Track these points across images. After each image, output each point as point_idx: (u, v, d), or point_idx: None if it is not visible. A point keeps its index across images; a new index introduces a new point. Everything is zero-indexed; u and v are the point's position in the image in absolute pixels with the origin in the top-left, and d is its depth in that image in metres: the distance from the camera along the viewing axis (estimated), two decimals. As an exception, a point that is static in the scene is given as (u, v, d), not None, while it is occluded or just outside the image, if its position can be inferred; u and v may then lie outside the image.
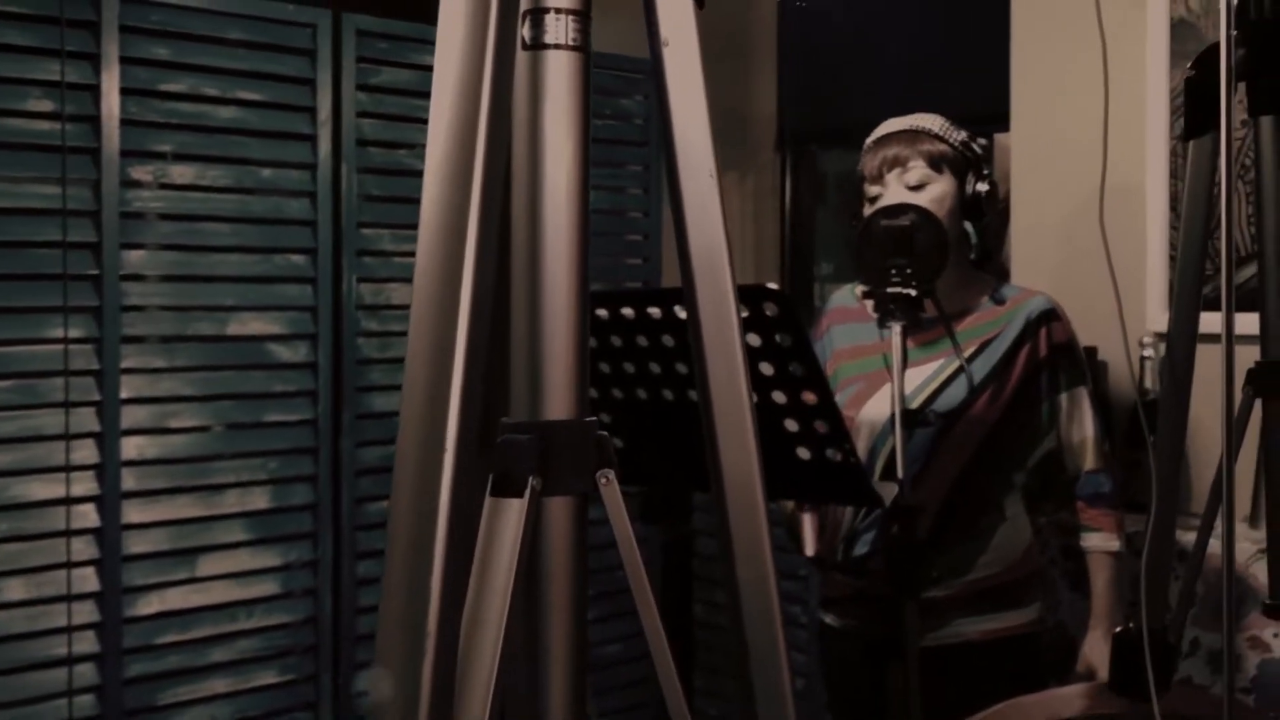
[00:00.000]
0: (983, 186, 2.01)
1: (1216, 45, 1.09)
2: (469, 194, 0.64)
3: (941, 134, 2.01)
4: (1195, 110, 1.11)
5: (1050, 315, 2.04)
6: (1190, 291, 1.12)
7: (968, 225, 2.03)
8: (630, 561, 0.71)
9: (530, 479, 0.67)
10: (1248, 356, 2.22)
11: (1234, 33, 1.09)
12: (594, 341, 1.95)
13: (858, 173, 2.08)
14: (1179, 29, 2.36)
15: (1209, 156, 1.10)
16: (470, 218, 0.64)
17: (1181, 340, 1.14)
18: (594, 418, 0.73)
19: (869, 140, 2.08)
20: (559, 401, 0.70)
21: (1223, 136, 0.88)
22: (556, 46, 0.69)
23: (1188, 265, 1.12)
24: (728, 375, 0.71)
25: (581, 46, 0.70)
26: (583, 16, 0.70)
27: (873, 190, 2.03)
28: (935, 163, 1.99)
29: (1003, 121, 2.69)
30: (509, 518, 0.66)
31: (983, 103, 2.74)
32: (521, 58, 0.68)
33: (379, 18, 2.64)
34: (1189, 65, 1.11)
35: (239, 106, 2.52)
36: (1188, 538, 2.00)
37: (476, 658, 0.64)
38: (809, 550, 2.14)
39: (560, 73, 0.69)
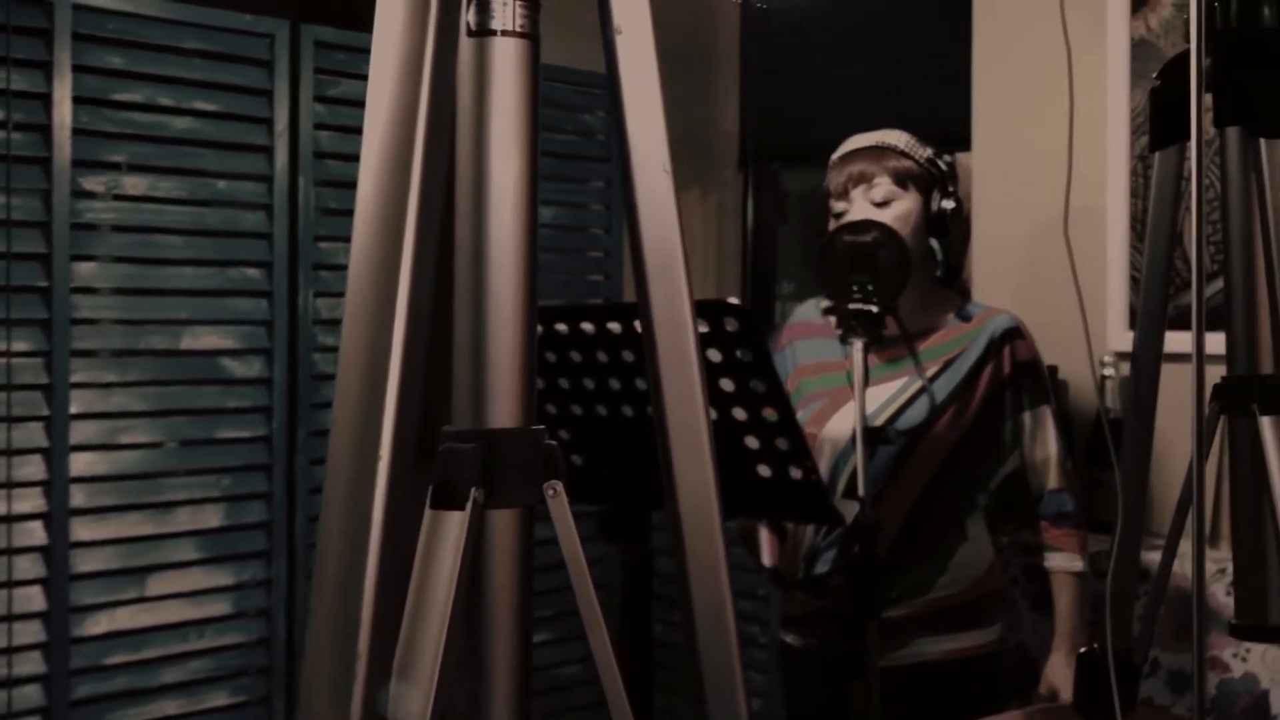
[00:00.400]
0: (948, 204, 1.99)
1: (1182, 56, 1.07)
2: (407, 188, 0.59)
3: (907, 150, 1.99)
4: (1161, 122, 1.08)
5: (1014, 333, 2.01)
6: (1155, 307, 1.09)
7: (933, 243, 2.00)
8: (578, 578, 0.65)
9: (473, 490, 0.62)
10: (1213, 376, 2.21)
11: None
12: (553, 356, 1.90)
13: (823, 189, 2.05)
14: (1139, 48, 2.35)
15: (1175, 169, 1.08)
16: (409, 213, 0.59)
17: (1146, 357, 1.11)
18: (541, 426, 0.68)
19: (835, 156, 2.06)
20: (504, 408, 0.65)
21: (1193, 147, 0.85)
22: (504, 33, 0.64)
23: (1153, 280, 1.09)
24: (683, 386, 0.66)
25: (530, 33, 0.65)
26: (531, 2, 0.65)
27: (838, 206, 2.01)
28: (901, 179, 1.97)
29: (964, 143, 2.67)
30: (449, 531, 0.61)
31: (945, 124, 2.73)
32: (465, 45, 0.63)
33: (338, 29, 2.59)
34: (1155, 76, 1.08)
35: (194, 117, 2.47)
36: (1150, 557, 1.98)
37: (414, 679, 0.59)
38: (767, 560, 2.10)
39: (507, 61, 0.64)
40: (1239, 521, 1.06)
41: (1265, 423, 1.04)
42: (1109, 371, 2.33)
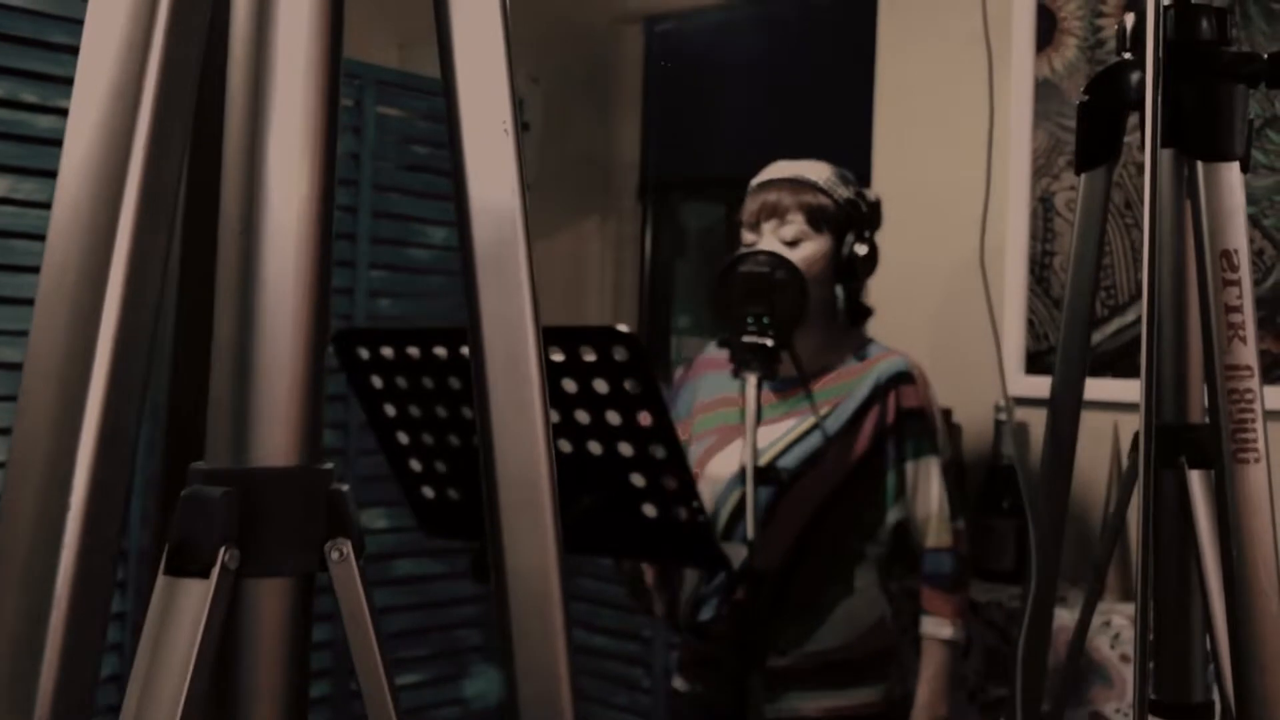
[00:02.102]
0: (861, 249, 1.85)
1: (1114, 67, 0.94)
2: (126, 157, 0.42)
3: (826, 188, 1.84)
4: (1089, 139, 0.95)
5: (902, 378, 1.87)
6: (1076, 344, 0.96)
7: (838, 288, 1.87)
8: (365, 664, 0.47)
9: (222, 551, 0.45)
10: (1127, 427, 2.11)
11: (1128, 55, 0.94)
12: (430, 383, 1.74)
13: (737, 217, 1.91)
14: (1042, 89, 2.26)
15: (1102, 192, 0.94)
16: (128, 187, 0.42)
17: (1065, 400, 0.97)
18: (328, 466, 0.50)
19: (753, 182, 1.91)
20: (274, 439, 0.47)
21: (1147, 171, 0.71)
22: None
23: (1075, 314, 0.95)
24: (517, 410, 0.49)
25: None
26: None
27: (748, 238, 1.86)
28: (815, 218, 1.82)
29: (865, 179, 2.56)
30: (186, 606, 0.43)
31: (846, 159, 2.62)
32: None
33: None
34: (1082, 90, 0.95)
35: (61, 116, 2.24)
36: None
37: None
38: (656, 609, 1.96)
39: (299, 12, 0.47)
40: (1161, 586, 0.93)
41: (1194, 477, 0.90)
42: (1003, 416, 2.22)
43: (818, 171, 1.86)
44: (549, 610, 0.49)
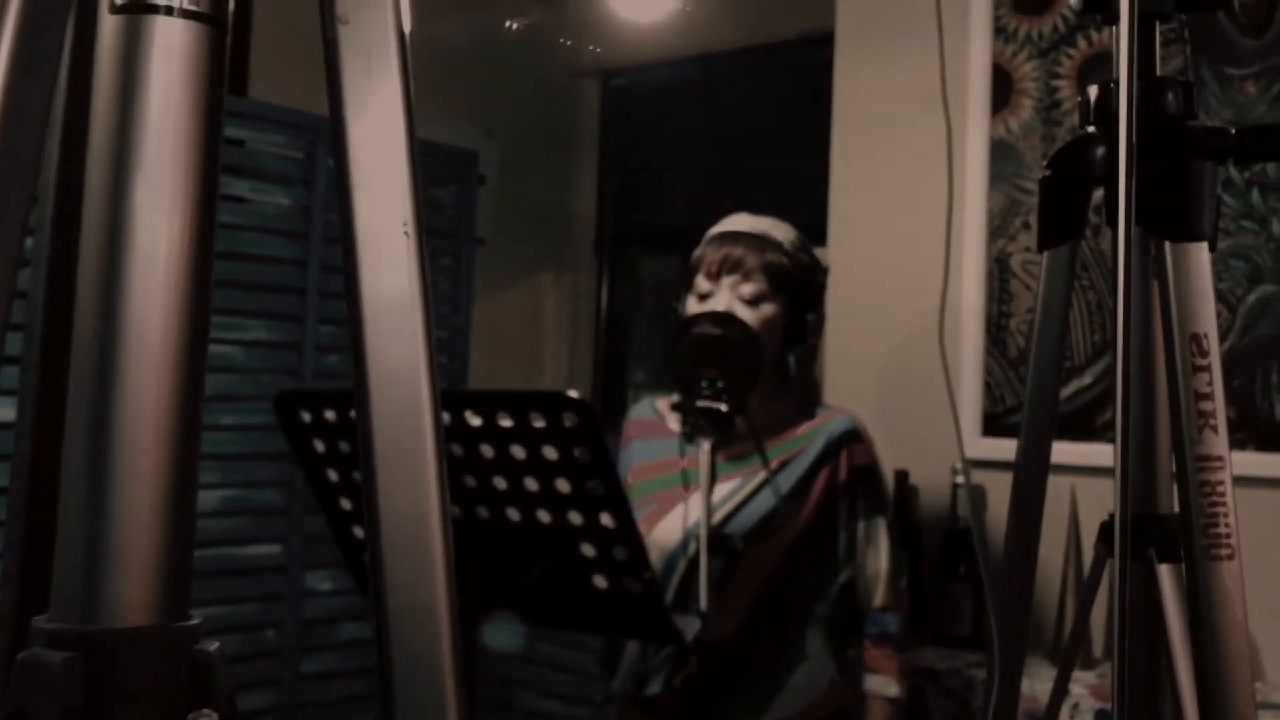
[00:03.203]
0: (812, 317, 1.82)
1: (1077, 141, 0.90)
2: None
3: (790, 251, 1.81)
4: (1052, 216, 0.91)
5: (852, 436, 1.83)
6: (1043, 414, 0.91)
7: (789, 350, 1.83)
8: None
9: (60, 729, 0.37)
10: (1090, 496, 2.07)
11: (1091, 129, 0.90)
12: (346, 447, 1.66)
13: (693, 260, 1.85)
14: (998, 149, 2.24)
15: (1066, 270, 0.90)
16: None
17: (1031, 469, 0.92)
18: (194, 621, 0.43)
19: (715, 230, 1.86)
20: (130, 593, 0.40)
21: (1119, 235, 0.66)
22: (168, 10, 0.41)
23: (1040, 386, 0.90)
24: (409, 498, 0.43)
25: (212, 16, 0.42)
26: (216, -30, 0.42)
27: (704, 286, 1.81)
28: (775, 281, 1.78)
29: (821, 237, 2.53)
30: None
31: (804, 216, 2.59)
32: (108, 23, 0.41)
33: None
34: (1044, 165, 0.91)
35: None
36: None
37: None
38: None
39: (173, 51, 0.41)
40: (1132, 682, 0.87)
41: (1164, 572, 0.85)
42: (960, 479, 2.18)
43: (783, 232, 1.82)
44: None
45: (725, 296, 1.78)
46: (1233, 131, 0.83)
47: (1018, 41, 2.22)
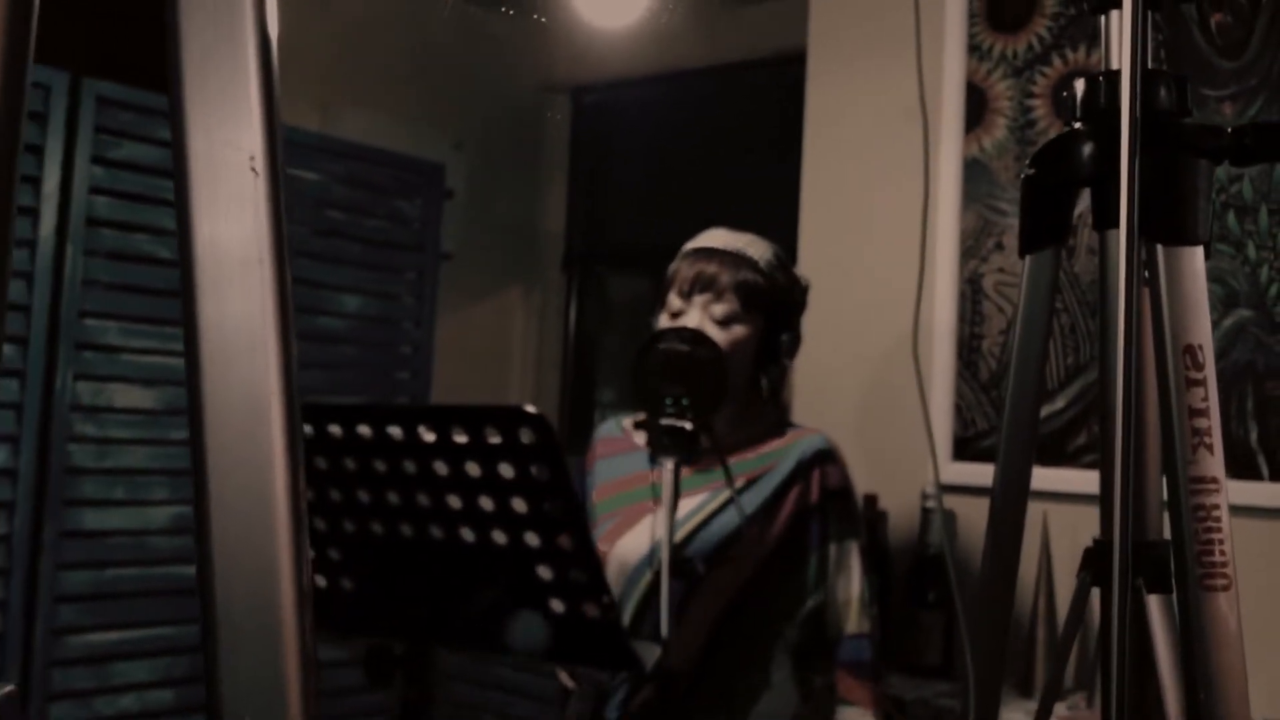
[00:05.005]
0: (787, 336, 1.75)
1: (1063, 138, 0.83)
2: None
3: (765, 269, 1.73)
4: (1035, 218, 0.84)
5: (825, 456, 1.76)
6: (1023, 432, 0.84)
7: (761, 370, 1.76)
8: None
9: None
10: (1063, 523, 2.00)
11: (1078, 125, 0.83)
12: (323, 463, 1.58)
13: (667, 275, 1.78)
14: (971, 169, 2.18)
15: (1049, 276, 0.83)
16: None
17: (1010, 491, 0.85)
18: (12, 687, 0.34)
19: (690, 246, 1.79)
20: None
21: (1121, 236, 0.59)
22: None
23: (1021, 400, 0.83)
24: (248, 527, 0.34)
25: None
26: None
27: (675, 304, 1.73)
28: (749, 299, 1.71)
29: (790, 257, 2.46)
30: None
31: (775, 233, 2.53)
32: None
33: (126, 86, 2.24)
34: (1027, 163, 0.84)
35: (-55, 169, 2.07)
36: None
37: None
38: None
39: None
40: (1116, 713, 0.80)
41: (1153, 603, 0.78)
42: (931, 504, 2.11)
43: (759, 250, 1.75)
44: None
45: (696, 316, 1.71)
46: (1229, 130, 0.77)
47: (992, 59, 2.17)
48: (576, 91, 3.25)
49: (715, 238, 1.78)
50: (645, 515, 1.71)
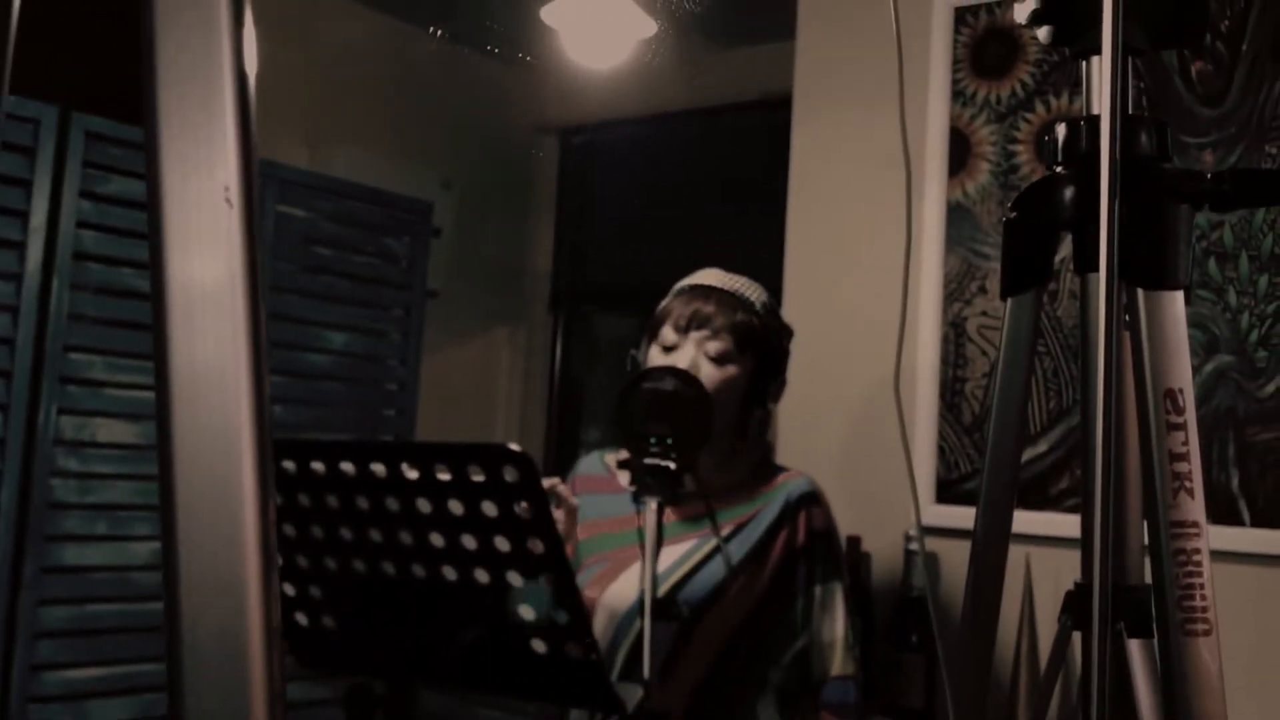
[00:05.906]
0: (775, 380, 1.77)
1: (1044, 182, 0.83)
2: None
3: (761, 313, 1.75)
4: (1017, 261, 0.84)
5: (811, 499, 1.76)
6: (1004, 475, 0.83)
7: (748, 412, 1.76)
8: None
9: None
10: (1046, 567, 1.99)
11: (1059, 170, 0.83)
12: (306, 500, 1.56)
13: (658, 311, 1.78)
14: (955, 213, 2.19)
15: (1030, 318, 0.83)
16: None
17: (992, 533, 0.84)
18: None
19: (685, 283, 1.79)
20: None
21: (1101, 279, 0.59)
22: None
23: (1002, 443, 0.83)
24: (216, 565, 0.33)
25: None
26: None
27: (670, 338, 1.74)
28: (743, 341, 1.72)
29: (775, 298, 2.46)
30: None
31: (762, 279, 2.53)
32: None
33: (115, 121, 2.24)
34: (1009, 207, 0.84)
35: (-65, 203, 2.06)
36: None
37: None
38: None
39: None
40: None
41: (1134, 648, 0.77)
42: (914, 546, 2.10)
43: (755, 293, 1.77)
44: None
45: (690, 352, 1.71)
46: (1209, 175, 0.77)
47: (976, 105, 2.18)
48: (564, 132, 3.26)
49: (711, 276, 1.79)
50: (634, 562, 1.69)
